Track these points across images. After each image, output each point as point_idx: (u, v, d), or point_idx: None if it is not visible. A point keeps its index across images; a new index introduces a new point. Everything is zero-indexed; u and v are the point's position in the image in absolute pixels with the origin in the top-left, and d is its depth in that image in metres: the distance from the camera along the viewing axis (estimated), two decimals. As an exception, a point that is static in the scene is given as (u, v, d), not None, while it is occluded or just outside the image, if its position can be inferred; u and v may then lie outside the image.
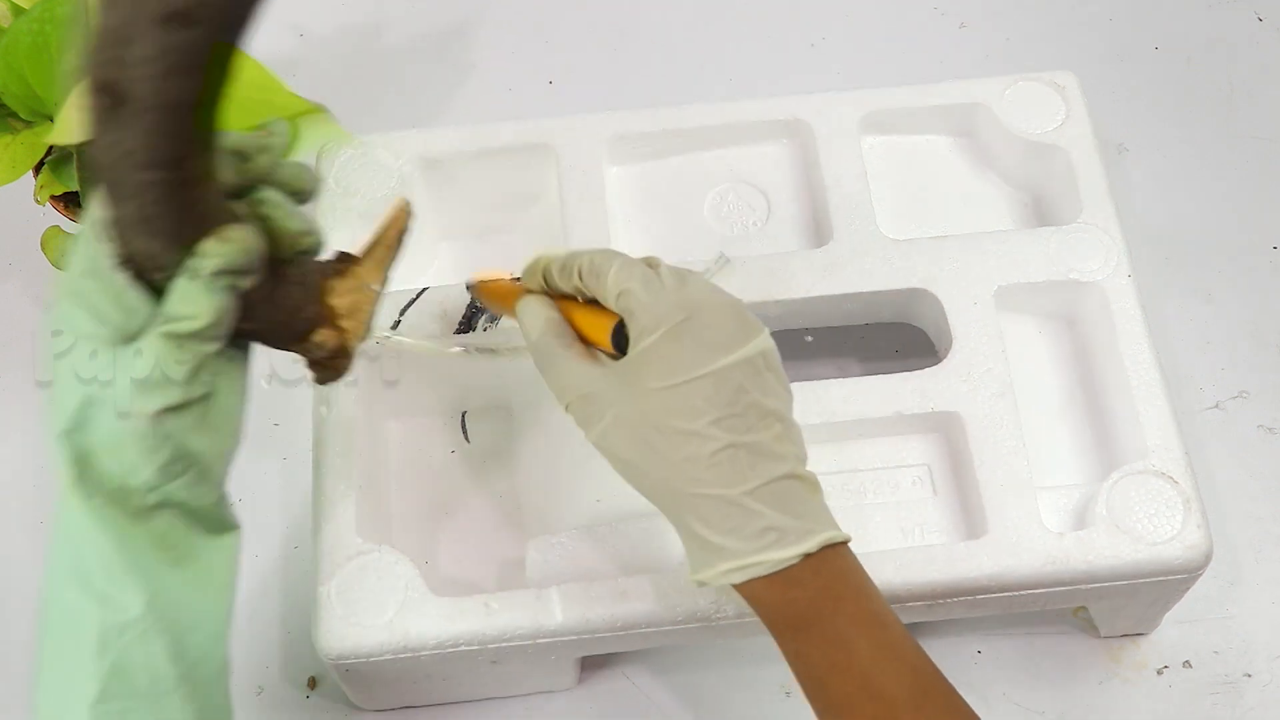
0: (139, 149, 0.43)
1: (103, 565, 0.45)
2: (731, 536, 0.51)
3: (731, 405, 0.51)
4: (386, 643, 0.61)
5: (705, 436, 0.50)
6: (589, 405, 0.53)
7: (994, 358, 0.67)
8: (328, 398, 0.66)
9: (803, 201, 0.75)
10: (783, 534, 0.51)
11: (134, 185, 0.44)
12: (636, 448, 0.52)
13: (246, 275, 0.46)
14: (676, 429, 0.51)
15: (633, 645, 0.64)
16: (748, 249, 0.73)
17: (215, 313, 0.45)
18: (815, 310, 0.71)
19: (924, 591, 0.62)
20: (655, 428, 0.51)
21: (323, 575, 0.62)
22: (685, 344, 0.51)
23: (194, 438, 0.47)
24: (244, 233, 0.46)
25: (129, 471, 0.45)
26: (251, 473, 0.77)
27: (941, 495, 0.67)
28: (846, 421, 0.66)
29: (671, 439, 0.51)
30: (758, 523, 0.51)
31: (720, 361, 0.51)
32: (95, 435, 0.45)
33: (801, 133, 0.75)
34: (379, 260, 0.56)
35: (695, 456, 0.51)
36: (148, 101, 0.41)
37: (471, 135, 0.73)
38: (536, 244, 0.76)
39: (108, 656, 0.45)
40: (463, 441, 0.72)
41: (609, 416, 0.52)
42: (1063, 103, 0.74)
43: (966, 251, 0.70)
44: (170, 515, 0.47)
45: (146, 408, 0.45)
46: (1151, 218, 0.84)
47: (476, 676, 0.66)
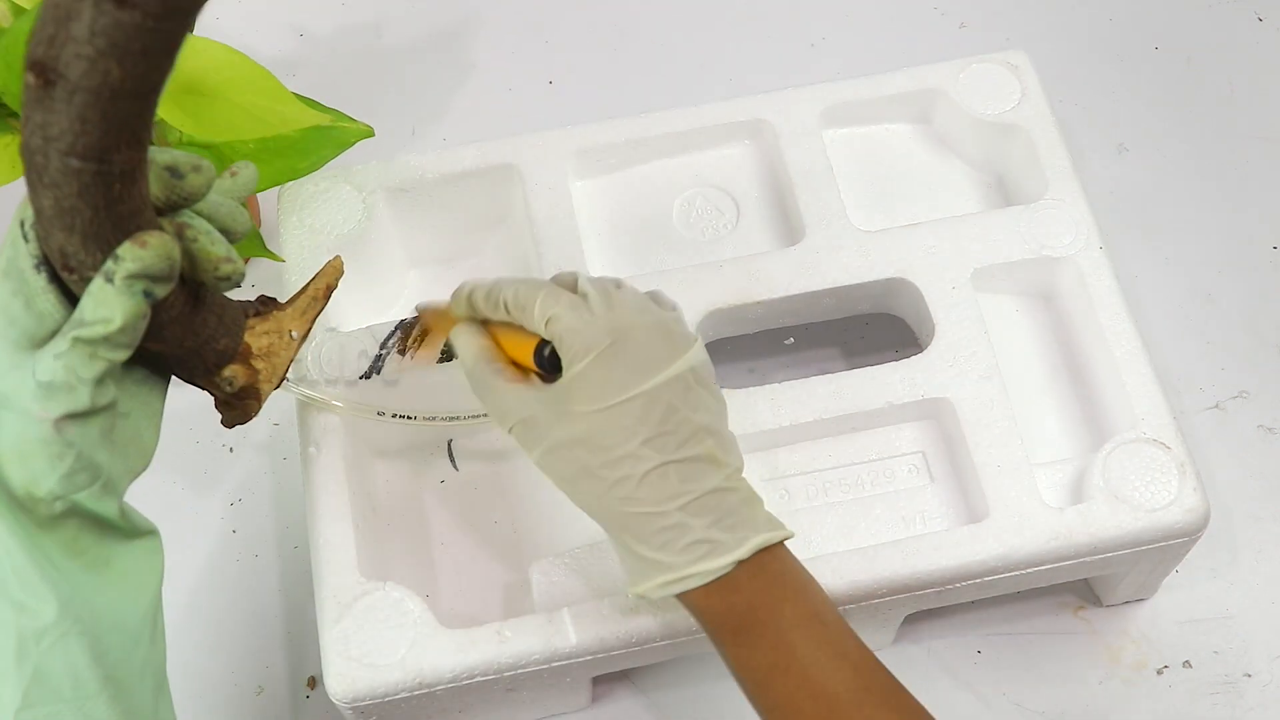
0: (66, 134, 0.41)
1: (15, 571, 0.44)
2: (665, 551, 0.52)
3: (663, 424, 0.52)
4: (401, 681, 0.60)
5: (637, 457, 0.52)
6: (528, 429, 0.54)
7: (977, 340, 0.68)
8: (317, 439, 0.65)
9: (771, 201, 0.75)
10: (714, 545, 0.52)
11: (57, 173, 0.42)
12: (572, 470, 0.53)
13: (163, 283, 0.45)
14: (609, 451, 0.52)
15: (647, 660, 0.64)
16: (720, 252, 0.73)
17: (127, 317, 0.45)
18: (794, 308, 0.71)
19: (932, 579, 0.62)
20: (588, 450, 0.52)
21: (328, 620, 0.61)
22: (614, 368, 0.53)
23: (99, 451, 0.46)
24: (163, 239, 0.45)
25: (33, 479, 0.45)
26: (251, 473, 0.77)
27: (939, 481, 0.67)
28: (837, 417, 0.67)
29: (605, 461, 0.52)
30: (689, 536, 0.52)
31: (649, 383, 0.52)
32: (2, 440, 0.45)
33: (764, 132, 0.75)
34: (302, 309, 0.56)
35: (628, 477, 0.52)
36: (78, 83, 0.40)
37: (435, 161, 0.73)
38: (508, 265, 0.75)
39: (27, 663, 0.44)
40: (452, 471, 0.71)
41: (547, 440, 0.54)
42: (1018, 82, 0.75)
43: (939, 237, 0.71)
44: (79, 522, 0.46)
45: (50, 413, 0.44)
46: (1151, 218, 0.85)
47: (492, 706, 0.65)
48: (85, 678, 0.45)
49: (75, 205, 0.43)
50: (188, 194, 0.48)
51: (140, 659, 0.47)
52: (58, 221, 0.44)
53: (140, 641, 0.47)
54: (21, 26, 0.63)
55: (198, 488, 0.77)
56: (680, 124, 0.75)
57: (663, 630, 0.61)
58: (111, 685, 0.46)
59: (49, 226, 0.44)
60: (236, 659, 0.72)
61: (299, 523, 0.75)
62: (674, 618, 0.61)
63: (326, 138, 0.70)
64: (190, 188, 0.48)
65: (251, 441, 0.77)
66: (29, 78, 0.41)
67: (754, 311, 0.70)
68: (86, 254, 0.44)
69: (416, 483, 0.71)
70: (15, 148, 0.67)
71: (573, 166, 0.74)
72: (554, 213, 0.72)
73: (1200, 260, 0.83)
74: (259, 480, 0.77)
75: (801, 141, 0.74)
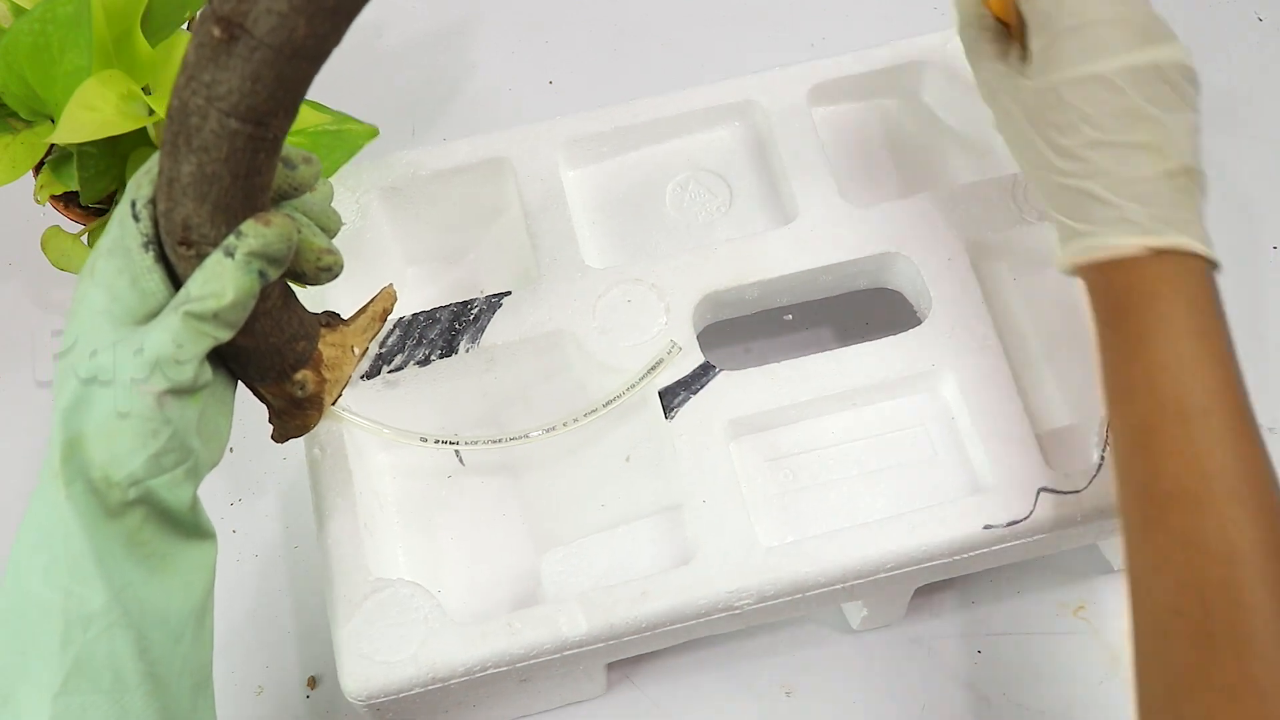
0: (234, 92, 0.42)
1: (70, 556, 0.45)
2: (1084, 221, 0.54)
3: (1119, 106, 0.53)
4: (415, 677, 0.60)
5: (1084, 132, 0.53)
6: (988, 93, 0.59)
7: (975, 311, 0.68)
8: (321, 441, 0.65)
9: (763, 181, 0.75)
10: (1133, 225, 0.52)
11: (211, 135, 0.43)
12: (1021, 135, 0.56)
13: (277, 265, 0.47)
14: (1060, 121, 0.54)
15: (660, 644, 0.64)
16: (714, 235, 0.73)
17: (239, 293, 0.46)
18: (791, 287, 0.71)
19: (940, 550, 0.62)
20: (1048, 114, 0.54)
21: (340, 618, 0.61)
22: (1088, 36, 0.54)
23: (192, 434, 0.47)
24: (285, 220, 0.47)
25: (115, 461, 0.45)
26: (252, 473, 0.77)
27: (942, 453, 0.67)
28: (839, 393, 0.67)
29: (1055, 125, 0.54)
30: (1113, 212, 0.53)
31: (1121, 60, 0.54)
32: (90, 417, 0.45)
33: (752, 113, 0.75)
34: (363, 328, 0.57)
35: (1069, 149, 0.54)
36: (263, 39, 0.41)
37: (426, 158, 0.73)
38: (505, 257, 0.76)
39: (71, 649, 0.45)
40: (458, 465, 0.71)
41: (1004, 100, 0.57)
42: (1005, 50, 0.75)
43: (933, 209, 0.70)
44: (144, 514, 0.46)
45: (154, 386, 0.45)
46: None
47: (507, 697, 0.66)
48: (126, 670, 0.46)
49: (218, 172, 0.44)
50: (298, 184, 0.50)
51: (181, 656, 0.48)
52: (192, 190, 0.45)
53: (182, 639, 0.48)
54: (20, 28, 0.64)
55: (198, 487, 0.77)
56: (669, 109, 0.75)
57: (673, 614, 0.61)
58: (150, 680, 0.46)
59: (180, 196, 0.45)
60: (237, 659, 0.72)
61: (299, 522, 0.76)
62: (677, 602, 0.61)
63: (336, 141, 0.70)
64: (301, 179, 0.50)
65: (252, 442, 0.77)
66: (212, 31, 0.41)
67: (751, 292, 0.70)
68: (211, 227, 0.45)
69: (423, 479, 0.71)
70: (15, 148, 0.68)
71: (564, 156, 0.74)
72: (547, 203, 0.72)
73: (1200, 260, 0.83)
74: (259, 480, 0.77)
75: (791, 121, 0.74)
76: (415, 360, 0.67)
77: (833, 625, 0.72)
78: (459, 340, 0.67)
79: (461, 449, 0.69)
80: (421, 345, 0.67)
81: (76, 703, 0.45)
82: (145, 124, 0.64)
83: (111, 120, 0.62)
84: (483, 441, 0.65)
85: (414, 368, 0.67)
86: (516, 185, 0.72)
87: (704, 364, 0.67)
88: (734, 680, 0.71)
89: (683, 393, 0.66)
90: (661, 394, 0.66)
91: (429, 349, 0.67)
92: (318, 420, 0.57)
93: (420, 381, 0.68)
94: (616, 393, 0.65)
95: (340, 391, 0.57)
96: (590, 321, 0.68)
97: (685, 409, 0.66)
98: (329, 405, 0.57)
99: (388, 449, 0.71)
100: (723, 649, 0.72)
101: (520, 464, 0.71)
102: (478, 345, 0.67)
